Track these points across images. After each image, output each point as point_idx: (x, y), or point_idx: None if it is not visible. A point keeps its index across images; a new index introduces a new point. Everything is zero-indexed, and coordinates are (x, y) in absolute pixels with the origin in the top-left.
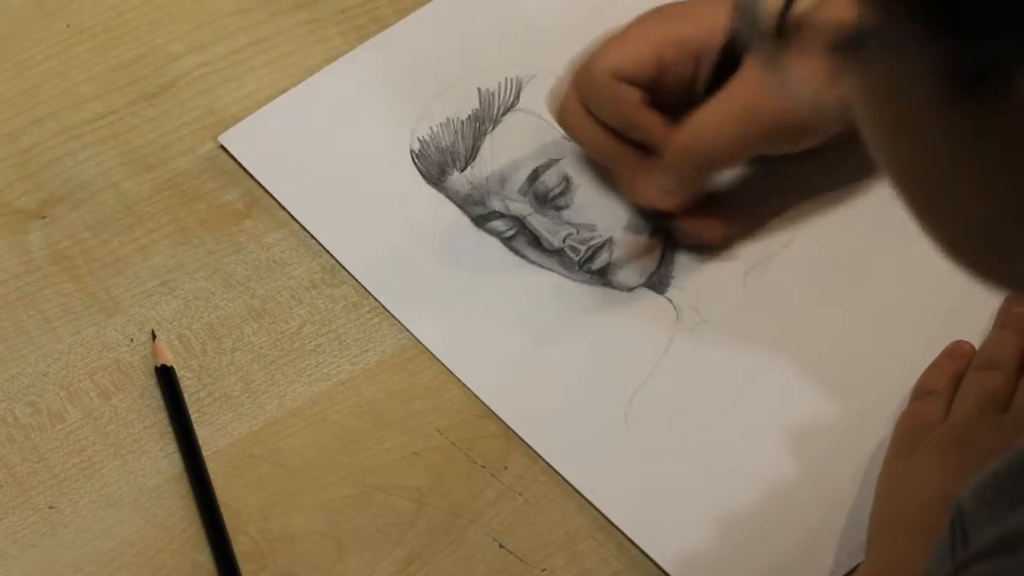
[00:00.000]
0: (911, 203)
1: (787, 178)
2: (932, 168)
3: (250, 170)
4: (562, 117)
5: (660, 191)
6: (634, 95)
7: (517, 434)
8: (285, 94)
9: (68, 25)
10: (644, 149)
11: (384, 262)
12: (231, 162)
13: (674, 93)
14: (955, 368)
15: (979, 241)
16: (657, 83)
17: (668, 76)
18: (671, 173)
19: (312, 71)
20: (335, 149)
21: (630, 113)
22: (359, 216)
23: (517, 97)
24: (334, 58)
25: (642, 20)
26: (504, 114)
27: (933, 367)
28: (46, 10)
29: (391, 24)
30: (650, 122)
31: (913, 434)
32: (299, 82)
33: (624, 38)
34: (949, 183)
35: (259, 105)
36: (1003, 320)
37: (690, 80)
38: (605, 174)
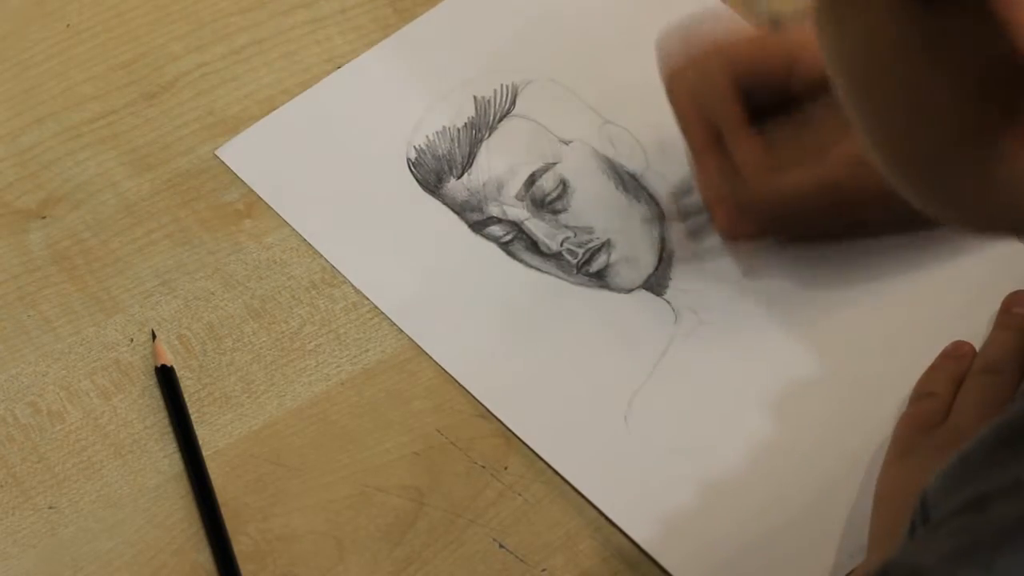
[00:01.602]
0: (858, 102)
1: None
2: (880, 64)
3: (248, 182)
4: (669, 79)
5: (715, 195)
6: (730, 84)
7: (517, 434)
8: (282, 106)
9: (68, 25)
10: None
11: (383, 270)
12: None
13: (764, 87)
14: (955, 369)
15: (908, 145)
16: (755, 76)
17: (766, 75)
18: (738, 198)
19: (312, 71)
20: (332, 159)
21: (722, 98)
22: (357, 225)
23: (513, 103)
24: (334, 58)
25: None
26: (500, 120)
27: (933, 368)
28: (46, 10)
29: (391, 24)
30: (734, 115)
31: (913, 436)
32: (299, 82)
33: (733, 28)
34: (896, 78)
35: (259, 105)
36: (1003, 321)
37: (781, 84)
38: (601, 177)
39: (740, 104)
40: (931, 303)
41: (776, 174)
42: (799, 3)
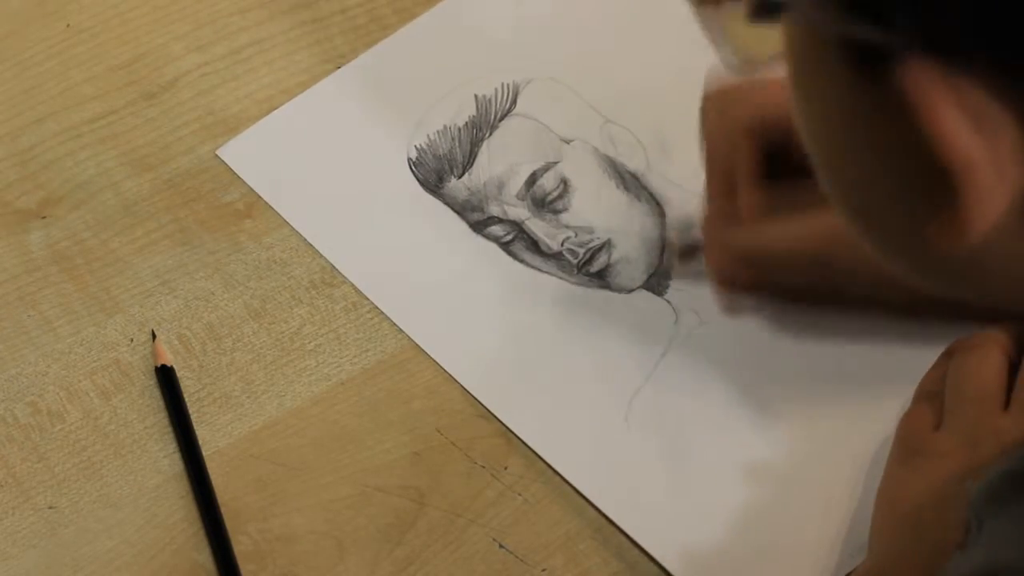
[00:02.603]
0: (819, 163)
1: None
2: (833, 133)
3: (248, 182)
4: (705, 116)
5: (714, 255)
6: (747, 127)
7: (517, 434)
8: (282, 106)
9: (68, 25)
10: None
11: (383, 269)
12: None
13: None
14: None
15: (864, 216)
16: (780, 130)
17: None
18: (730, 242)
19: (312, 71)
20: (333, 159)
21: (736, 139)
22: (358, 225)
23: (514, 102)
24: (334, 58)
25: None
26: (501, 119)
27: (934, 368)
28: (46, 10)
29: (391, 24)
30: (745, 159)
31: (915, 437)
32: (299, 82)
33: (768, 90)
34: (846, 151)
35: (259, 105)
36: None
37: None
38: (602, 176)
39: (755, 151)
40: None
41: (764, 224)
42: (773, 46)
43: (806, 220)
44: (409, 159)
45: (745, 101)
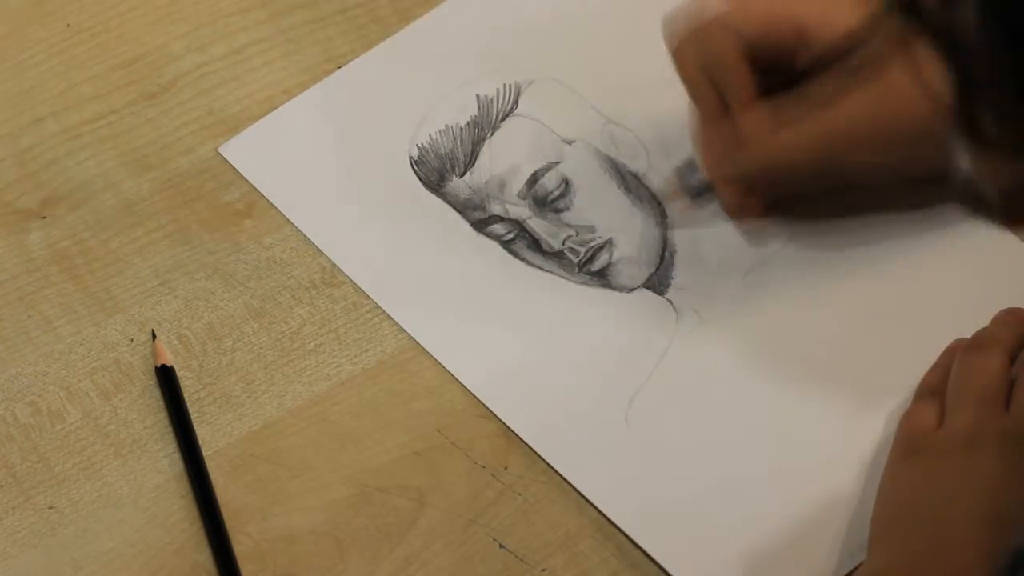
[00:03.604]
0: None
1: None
2: None
3: (250, 179)
4: (676, 49)
5: (719, 170)
6: (736, 52)
7: (517, 434)
8: (284, 105)
9: (68, 25)
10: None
11: (385, 268)
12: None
13: (773, 64)
14: None
15: None
16: (759, 46)
17: (774, 46)
18: (737, 168)
19: (312, 71)
20: (335, 157)
21: (728, 66)
22: (359, 223)
23: (516, 102)
24: (334, 58)
25: None
26: (503, 119)
27: (935, 367)
28: (46, 10)
29: (391, 24)
30: (740, 84)
31: (917, 435)
32: (299, 82)
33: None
34: None
35: (259, 105)
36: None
37: (789, 56)
38: (603, 176)
39: (746, 71)
40: (933, 302)
41: (772, 135)
42: None
43: (808, 125)
44: (411, 158)
45: (723, 27)
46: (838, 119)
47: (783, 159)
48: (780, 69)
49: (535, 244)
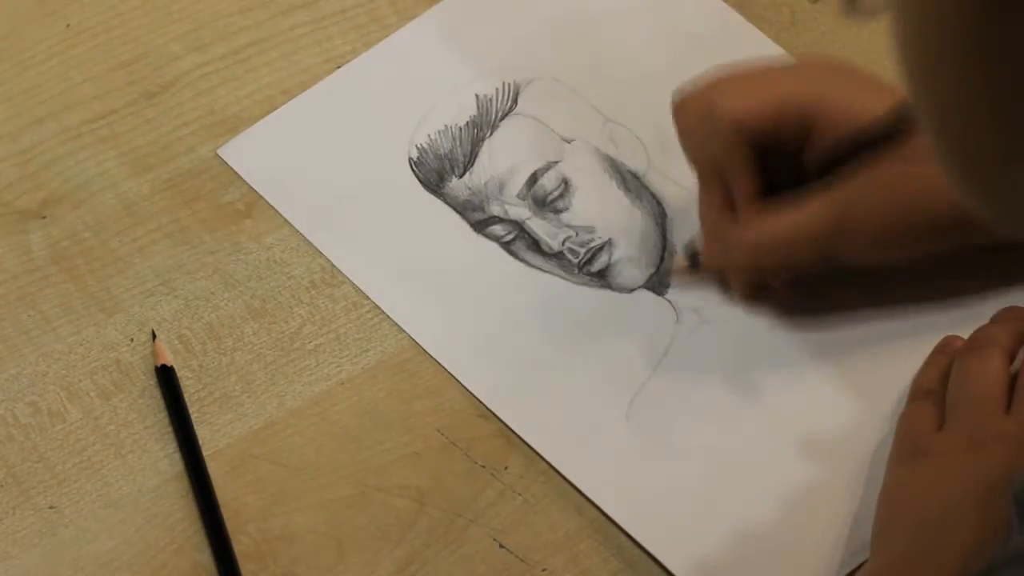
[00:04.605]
0: (914, 74)
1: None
2: (950, 56)
3: (249, 181)
4: (683, 134)
5: (715, 259)
6: (741, 154)
7: (517, 434)
8: (283, 106)
9: (68, 25)
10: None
11: (384, 269)
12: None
13: (777, 153)
14: (948, 365)
15: (952, 136)
16: (768, 138)
17: (780, 134)
18: (734, 259)
19: (312, 71)
20: (334, 159)
21: (733, 167)
22: (359, 224)
23: (515, 101)
24: (334, 58)
25: (771, 69)
26: (502, 119)
27: (928, 365)
28: (46, 10)
29: (391, 24)
30: (743, 186)
31: (918, 437)
32: (299, 82)
33: (751, 83)
34: (961, 75)
35: (259, 105)
36: (996, 316)
37: (794, 145)
38: (603, 176)
39: (746, 146)
40: (931, 301)
41: (766, 214)
42: None
43: (806, 203)
44: (410, 159)
45: (727, 99)
46: (844, 215)
47: (782, 237)
48: (793, 151)
49: (535, 245)
